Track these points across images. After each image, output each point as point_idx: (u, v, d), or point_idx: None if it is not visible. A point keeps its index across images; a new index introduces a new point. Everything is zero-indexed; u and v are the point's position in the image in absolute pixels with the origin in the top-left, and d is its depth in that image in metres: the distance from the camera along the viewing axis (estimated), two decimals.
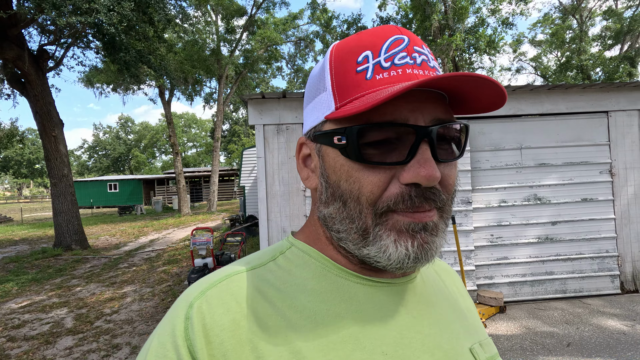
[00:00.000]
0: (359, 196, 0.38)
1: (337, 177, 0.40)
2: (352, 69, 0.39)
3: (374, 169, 0.38)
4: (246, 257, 0.47)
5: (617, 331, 3.36)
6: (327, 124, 0.42)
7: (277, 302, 0.40)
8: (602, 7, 22.58)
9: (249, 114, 3.89)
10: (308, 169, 0.46)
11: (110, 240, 11.95)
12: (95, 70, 12.61)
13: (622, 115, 4.28)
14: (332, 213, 0.41)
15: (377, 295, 0.42)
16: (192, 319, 0.37)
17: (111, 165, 61.74)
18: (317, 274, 0.43)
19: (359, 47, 0.40)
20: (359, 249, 0.40)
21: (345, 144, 0.38)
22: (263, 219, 3.86)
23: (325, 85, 0.41)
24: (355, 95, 0.38)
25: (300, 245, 0.46)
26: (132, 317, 4.72)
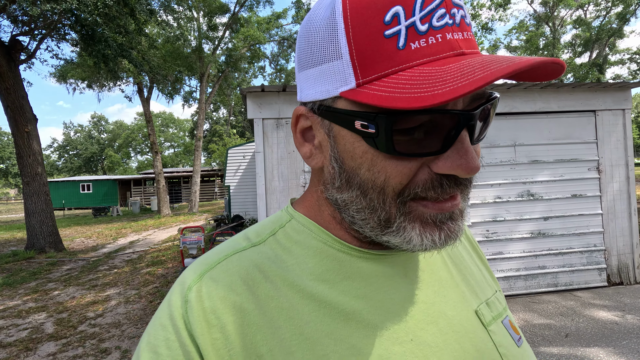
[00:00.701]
0: (385, 187, 0.34)
1: (355, 164, 0.35)
2: (378, 32, 0.31)
3: (404, 159, 0.33)
4: (245, 230, 0.45)
5: (610, 321, 3.47)
6: (343, 101, 0.34)
7: (278, 282, 0.38)
8: (572, 17, 23.72)
9: (248, 108, 3.78)
10: (310, 144, 0.40)
11: (86, 242, 11.42)
12: (70, 64, 12.03)
13: (608, 115, 4.46)
14: (346, 200, 0.38)
15: (380, 268, 0.41)
16: (190, 302, 0.36)
17: (83, 165, 59.27)
18: (319, 250, 0.40)
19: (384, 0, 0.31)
20: (377, 236, 0.37)
21: (374, 132, 0.32)
22: (262, 215, 3.75)
23: (339, 50, 0.33)
24: (386, 70, 0.31)
25: (300, 218, 0.43)
26: (119, 320, 4.49)
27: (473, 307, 0.43)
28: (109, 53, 7.93)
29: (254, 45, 20.79)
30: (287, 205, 0.47)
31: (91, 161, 60.37)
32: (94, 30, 7.40)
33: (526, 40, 24.90)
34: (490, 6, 17.13)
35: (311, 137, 0.40)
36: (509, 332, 0.45)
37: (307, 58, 0.37)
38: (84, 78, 17.00)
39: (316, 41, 0.35)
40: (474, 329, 0.41)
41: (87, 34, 7.81)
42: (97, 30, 7.39)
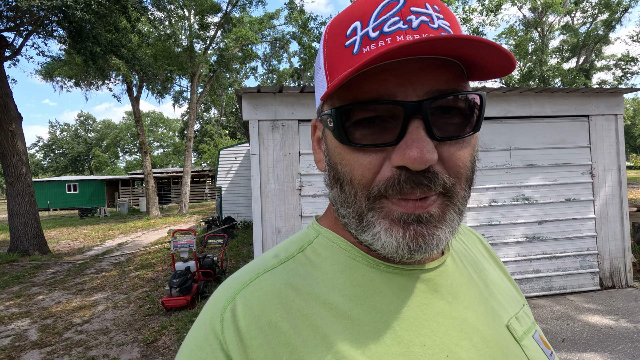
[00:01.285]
0: (352, 180, 0.37)
1: (335, 159, 0.39)
2: (341, 44, 0.36)
3: (365, 152, 0.35)
4: (273, 248, 0.46)
5: (604, 326, 3.48)
6: (324, 105, 0.40)
7: (311, 299, 0.38)
8: (560, 22, 24.19)
9: (243, 109, 3.70)
10: (321, 150, 0.44)
11: (72, 244, 11.12)
12: (57, 62, 11.73)
13: (601, 120, 4.51)
14: (334, 196, 0.40)
15: (410, 283, 0.41)
16: (226, 322, 0.36)
17: (69, 165, 58.03)
18: (348, 265, 0.41)
19: (349, 18, 0.36)
20: (359, 234, 0.38)
21: (333, 126, 0.36)
22: (257, 219, 3.67)
23: (320, 64, 0.39)
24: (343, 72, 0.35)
25: (326, 234, 0.44)
26: (107, 327, 4.34)
27: (504, 322, 0.43)
28: (97, 51, 7.72)
29: (246, 46, 20.63)
30: (312, 222, 0.47)
31: (78, 161, 59.14)
32: (82, 27, 7.20)
33: (515, 45, 25.29)
34: (481, 11, 17.33)
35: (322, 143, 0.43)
36: (540, 347, 0.44)
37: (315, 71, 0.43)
38: (71, 76, 16.59)
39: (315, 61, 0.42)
40: (507, 345, 0.41)
41: (74, 31, 7.61)
42: (85, 27, 7.19)
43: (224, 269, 6.02)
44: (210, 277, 5.51)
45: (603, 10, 21.82)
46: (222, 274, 5.79)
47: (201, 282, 5.05)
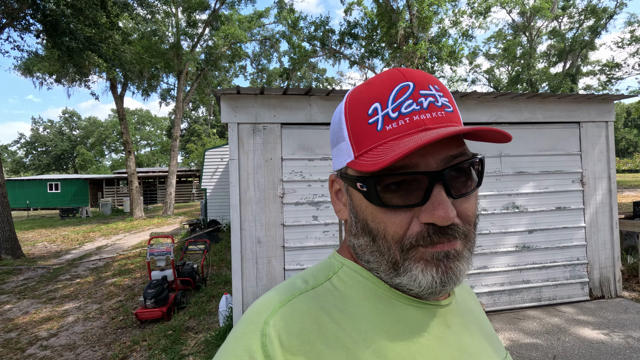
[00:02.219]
0: (385, 235, 0.41)
1: (364, 216, 0.44)
2: (364, 121, 0.42)
3: (396, 211, 0.41)
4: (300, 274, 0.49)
5: (596, 341, 3.37)
6: (350, 169, 0.45)
7: (341, 323, 0.41)
8: (548, 27, 24.49)
9: (222, 111, 3.47)
10: (340, 202, 0.50)
11: (49, 247, 10.67)
12: (35, 57, 11.25)
13: (592, 127, 4.42)
14: (362, 244, 0.44)
15: (427, 317, 0.45)
16: (270, 336, 0.38)
17: (52, 163, 56.50)
18: (372, 295, 0.45)
19: (368, 98, 0.43)
20: (391, 279, 0.43)
21: (366, 191, 0.41)
22: (236, 228, 3.44)
23: (343, 135, 0.45)
24: (370, 146, 0.42)
25: (350, 265, 0.48)
26: (74, 342, 4.06)
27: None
28: (74, 46, 7.35)
29: (234, 44, 20.28)
30: (333, 253, 0.52)
31: (61, 159, 57.61)
32: (58, 21, 6.84)
33: (504, 49, 25.50)
34: (471, 14, 17.37)
35: (341, 196, 0.50)
36: None
37: (332, 138, 0.49)
38: (51, 72, 16.02)
39: (335, 129, 0.48)
40: None
41: (50, 24, 7.23)
42: (61, 20, 6.82)
43: (204, 277, 5.76)
44: (189, 286, 5.26)
45: (589, 16, 22.17)
46: (202, 282, 5.54)
47: (179, 292, 4.80)
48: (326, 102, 3.71)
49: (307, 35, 19.62)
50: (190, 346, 3.65)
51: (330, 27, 19.40)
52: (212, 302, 4.92)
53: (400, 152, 0.36)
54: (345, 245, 0.51)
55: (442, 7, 16.21)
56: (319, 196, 3.70)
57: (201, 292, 5.27)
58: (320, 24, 19.05)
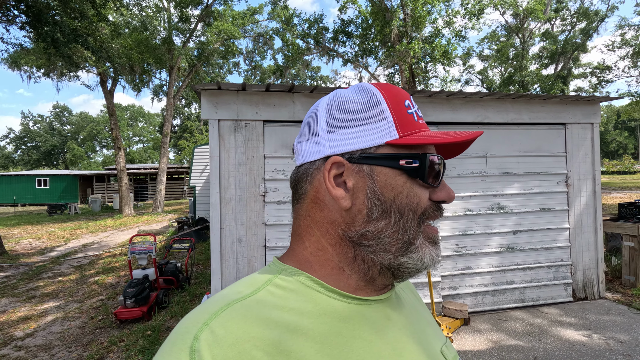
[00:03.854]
0: (417, 208, 0.46)
1: (394, 193, 0.46)
2: (404, 110, 0.48)
3: (424, 187, 0.47)
4: (235, 284, 0.48)
5: (577, 342, 3.37)
6: (385, 148, 0.47)
7: (281, 327, 0.40)
8: (540, 30, 24.65)
9: (202, 107, 3.39)
10: (341, 188, 0.48)
11: (34, 244, 10.48)
12: (22, 50, 11.00)
13: (577, 128, 4.41)
14: (380, 228, 0.46)
15: (369, 312, 0.47)
16: (200, 352, 0.36)
17: (42, 158, 55.66)
18: (312, 297, 0.45)
19: (401, 95, 0.50)
20: (396, 258, 0.46)
21: (417, 166, 0.46)
22: (215, 227, 3.37)
23: (384, 116, 0.47)
24: (412, 130, 0.47)
25: (290, 270, 0.48)
26: (50, 342, 3.96)
27: (438, 347, 0.53)
28: (59, 37, 7.18)
29: (227, 40, 20.08)
30: (273, 260, 0.52)
31: (52, 154, 56.77)
32: (41, 12, 6.66)
33: (497, 50, 25.62)
34: (464, 14, 17.40)
35: (341, 182, 0.48)
36: None
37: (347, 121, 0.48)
38: (39, 66, 15.71)
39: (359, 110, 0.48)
40: None
41: (33, 15, 7.06)
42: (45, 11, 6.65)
43: (189, 276, 5.68)
44: (172, 285, 5.17)
45: (581, 19, 22.36)
46: (186, 281, 5.45)
47: (161, 291, 4.71)
48: (310, 100, 3.65)
49: (301, 33, 19.51)
50: None
51: (324, 25, 19.30)
52: (195, 302, 4.84)
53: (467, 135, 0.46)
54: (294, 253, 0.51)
55: (435, 7, 16.21)
56: None
57: (184, 292, 5.19)
58: (314, 21, 18.95)
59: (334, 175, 0.48)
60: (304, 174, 0.51)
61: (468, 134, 0.46)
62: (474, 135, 0.46)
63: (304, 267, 0.48)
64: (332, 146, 0.48)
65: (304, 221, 0.51)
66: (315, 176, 0.49)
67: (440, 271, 4.04)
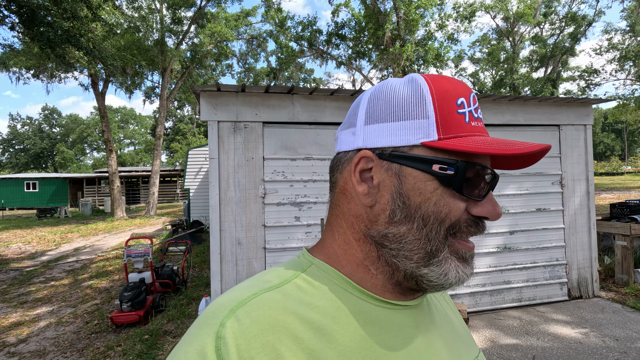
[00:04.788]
0: (444, 219, 0.42)
1: (422, 199, 0.43)
2: (453, 109, 0.44)
3: (460, 198, 0.43)
4: (263, 273, 0.47)
5: (574, 341, 3.41)
6: (420, 149, 0.44)
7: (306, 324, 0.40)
8: (530, 33, 25.08)
9: (201, 109, 3.37)
10: (365, 184, 0.46)
11: (24, 248, 10.27)
12: (11, 51, 10.82)
13: (571, 130, 4.49)
14: (403, 233, 0.43)
15: (397, 317, 0.45)
16: (225, 339, 0.36)
17: (31, 161, 54.71)
18: (339, 295, 0.44)
19: (455, 90, 0.45)
20: (418, 268, 0.43)
21: (452, 174, 0.42)
22: (215, 229, 3.35)
23: (426, 113, 0.44)
24: (458, 133, 0.43)
25: (319, 264, 0.47)
26: (44, 347, 3.88)
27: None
28: (54, 37, 7.08)
29: (221, 42, 20.02)
30: (303, 252, 0.51)
31: (40, 157, 55.83)
32: (35, 12, 6.57)
33: (488, 53, 25.98)
34: (456, 18, 17.62)
35: (367, 178, 0.46)
36: None
37: (386, 115, 0.46)
38: (29, 67, 15.48)
39: (401, 104, 0.45)
40: None
41: (26, 16, 6.95)
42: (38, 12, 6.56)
43: (185, 279, 5.62)
44: (168, 289, 5.11)
45: (570, 23, 22.79)
46: (182, 285, 5.40)
47: (157, 295, 4.65)
48: (309, 101, 3.65)
49: (295, 35, 19.54)
50: (167, 351, 3.53)
51: (318, 28, 19.36)
52: (192, 305, 4.80)
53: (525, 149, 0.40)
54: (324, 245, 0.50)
55: (428, 11, 16.38)
56: (301, 196, 3.64)
57: (181, 295, 5.13)
58: (308, 24, 19.00)
59: (361, 169, 0.46)
60: (337, 163, 0.50)
61: (530, 147, 0.40)
62: (537, 148, 0.40)
63: (332, 261, 0.47)
64: (365, 139, 0.46)
65: (334, 211, 0.50)
66: (345, 167, 0.48)
67: None
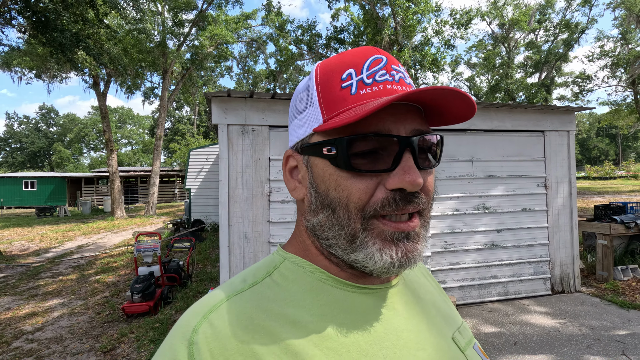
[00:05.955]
0: (348, 203, 0.41)
1: (326, 186, 0.43)
2: (337, 85, 0.42)
3: (362, 177, 0.40)
4: (241, 273, 0.47)
5: (552, 329, 3.72)
6: (315, 136, 0.44)
7: (281, 319, 0.40)
8: (525, 39, 25.57)
9: (212, 113, 3.65)
10: (295, 180, 0.48)
11: (27, 245, 10.47)
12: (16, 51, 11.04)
13: (555, 135, 4.82)
14: (321, 221, 0.43)
15: (371, 301, 0.45)
16: (197, 344, 0.37)
17: (27, 160, 54.61)
18: (314, 287, 0.44)
19: (342, 65, 0.43)
20: (347, 255, 0.43)
21: (335, 154, 0.41)
22: (224, 224, 3.63)
23: (312, 101, 0.44)
24: (342, 109, 0.41)
25: (292, 259, 0.47)
26: (61, 335, 4.13)
27: (449, 335, 0.50)
28: (65, 42, 7.34)
29: (221, 44, 20.31)
30: (277, 248, 0.51)
31: (37, 156, 55.77)
32: (48, 18, 6.83)
33: (484, 59, 26.46)
34: (452, 24, 18.02)
35: (296, 174, 0.48)
36: (480, 356, 0.52)
37: (294, 111, 0.48)
38: (32, 67, 15.67)
39: (300, 98, 0.47)
40: (454, 354, 0.47)
41: (39, 20, 7.20)
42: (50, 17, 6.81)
43: (190, 274, 5.88)
44: (175, 282, 5.38)
45: (563, 30, 23.29)
46: (188, 279, 5.66)
47: (165, 288, 4.92)
48: None
49: (294, 39, 19.86)
50: None
51: (317, 32, 19.70)
52: (198, 297, 5.05)
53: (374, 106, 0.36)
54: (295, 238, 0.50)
55: (425, 17, 16.77)
56: None
57: (187, 288, 5.40)
58: (307, 28, 19.32)
59: (290, 167, 0.48)
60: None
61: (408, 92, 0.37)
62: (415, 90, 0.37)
63: (304, 254, 0.48)
64: (289, 138, 0.50)
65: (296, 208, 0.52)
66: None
67: (431, 266, 4.37)
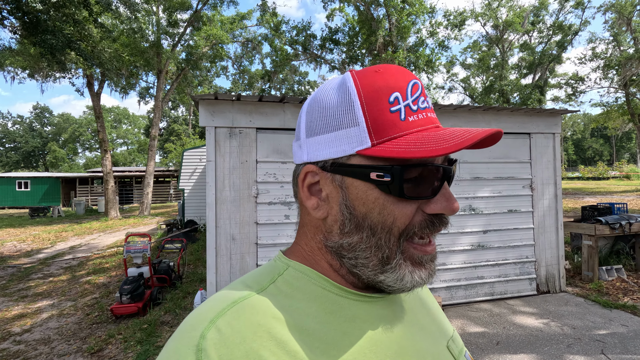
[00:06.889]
0: (392, 227, 0.42)
1: (367, 209, 0.43)
2: (385, 109, 0.42)
3: (407, 202, 0.42)
4: (242, 279, 0.47)
5: (535, 329, 3.78)
6: (357, 158, 0.43)
7: (287, 327, 0.40)
8: (519, 41, 25.75)
9: (200, 115, 3.68)
10: (316, 197, 0.47)
11: (19, 246, 10.42)
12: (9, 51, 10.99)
13: (540, 138, 4.89)
14: (354, 242, 0.44)
15: (375, 310, 0.46)
16: (206, 351, 0.36)
17: (22, 160, 54.18)
18: (319, 295, 0.45)
19: (387, 87, 0.43)
20: (375, 275, 0.44)
21: (389, 180, 0.41)
22: (211, 225, 3.66)
23: (356, 120, 0.42)
24: (392, 134, 0.41)
25: (296, 266, 0.47)
26: (49, 336, 4.14)
27: (444, 343, 0.51)
28: (56, 44, 7.33)
29: (216, 45, 20.29)
30: (278, 255, 0.51)
31: (32, 156, 55.35)
32: (39, 19, 6.81)
33: (479, 60, 26.62)
34: (447, 25, 18.12)
35: (317, 191, 0.46)
36: None
37: (321, 126, 0.45)
38: (24, 67, 15.59)
39: (332, 113, 0.44)
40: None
41: (30, 22, 7.18)
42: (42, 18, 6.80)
43: (180, 275, 5.90)
44: (165, 283, 5.39)
45: (557, 32, 23.49)
46: (178, 280, 5.68)
47: (155, 289, 4.93)
48: (300, 109, 3.98)
49: (289, 39, 19.88)
50: (165, 338, 3.82)
51: (312, 32, 19.73)
52: (188, 298, 5.08)
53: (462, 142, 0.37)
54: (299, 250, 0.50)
55: (419, 18, 16.86)
56: (291, 196, 3.97)
57: (177, 289, 5.41)
58: (302, 28, 19.35)
59: (309, 183, 0.47)
60: (294, 176, 0.51)
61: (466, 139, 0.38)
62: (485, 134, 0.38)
63: (308, 262, 0.48)
64: (309, 153, 0.47)
65: (300, 219, 0.51)
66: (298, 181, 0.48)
67: None
